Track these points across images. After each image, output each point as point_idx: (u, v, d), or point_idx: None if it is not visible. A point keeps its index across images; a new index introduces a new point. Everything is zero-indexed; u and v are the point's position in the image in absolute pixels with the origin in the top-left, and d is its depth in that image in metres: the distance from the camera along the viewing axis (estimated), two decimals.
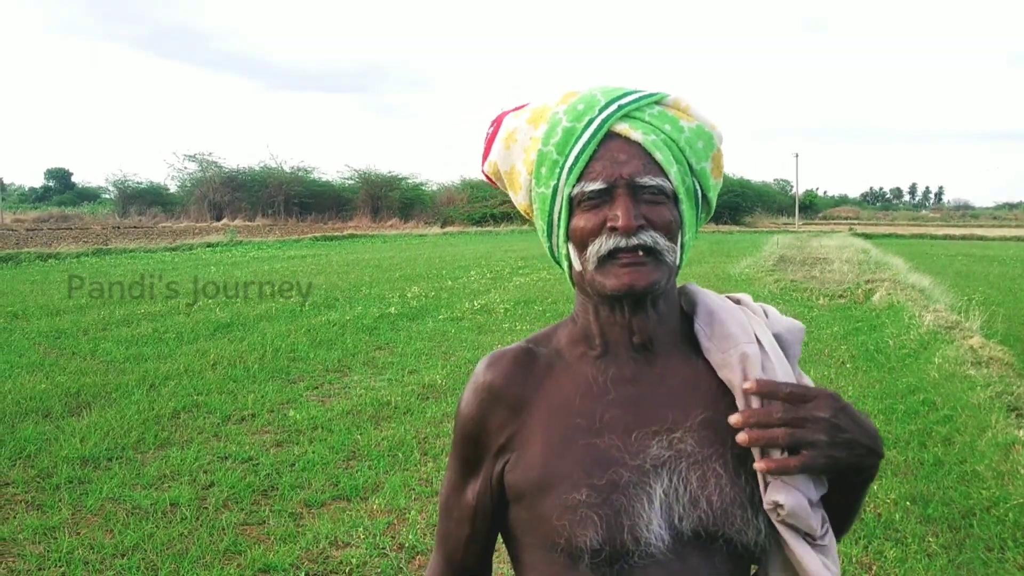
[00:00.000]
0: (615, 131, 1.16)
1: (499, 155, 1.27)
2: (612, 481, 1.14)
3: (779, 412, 1.10)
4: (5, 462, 5.11)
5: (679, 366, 1.22)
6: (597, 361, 1.22)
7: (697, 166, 1.19)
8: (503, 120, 1.29)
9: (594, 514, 1.12)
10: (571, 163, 1.16)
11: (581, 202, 1.16)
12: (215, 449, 5.45)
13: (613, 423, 1.17)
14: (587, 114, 1.16)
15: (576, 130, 1.16)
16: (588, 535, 1.12)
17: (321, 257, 22.48)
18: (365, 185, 50.25)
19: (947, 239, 39.70)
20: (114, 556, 3.92)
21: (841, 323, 10.95)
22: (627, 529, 1.11)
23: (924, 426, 6.01)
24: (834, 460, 1.10)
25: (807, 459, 1.09)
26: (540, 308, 12.10)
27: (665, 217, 1.14)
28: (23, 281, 15.16)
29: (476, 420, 1.25)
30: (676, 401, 1.19)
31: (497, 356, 1.26)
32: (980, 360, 7.92)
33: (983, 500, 4.58)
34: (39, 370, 7.57)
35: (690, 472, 1.14)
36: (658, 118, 1.18)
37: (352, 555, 3.95)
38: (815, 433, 1.09)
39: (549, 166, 1.18)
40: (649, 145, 1.14)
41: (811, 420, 1.09)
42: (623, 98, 1.18)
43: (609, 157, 1.14)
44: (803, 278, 16.66)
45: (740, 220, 52.91)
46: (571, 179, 1.16)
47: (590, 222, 1.15)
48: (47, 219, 43.24)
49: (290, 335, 9.56)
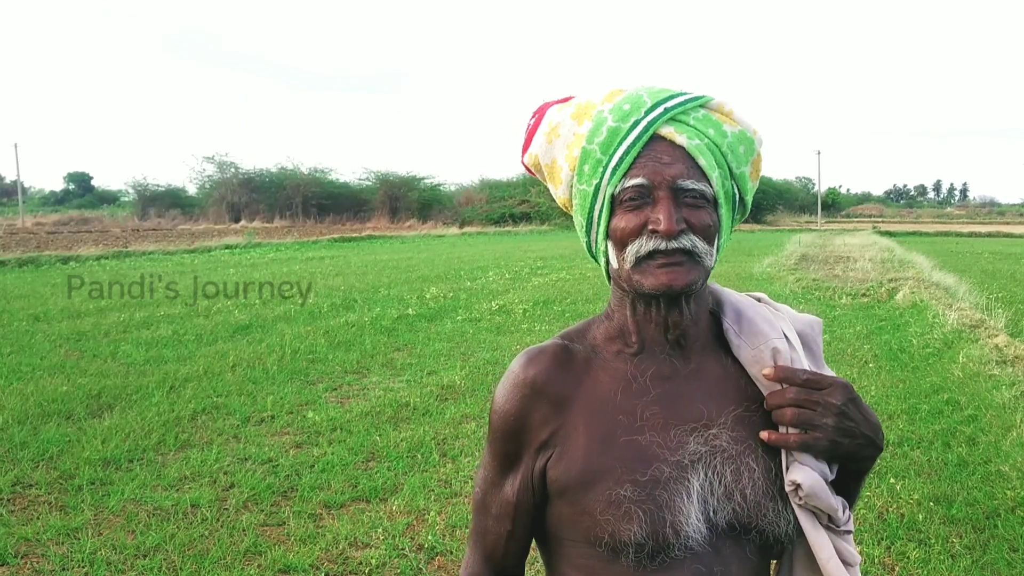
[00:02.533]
0: (660, 134, 1.17)
1: (540, 148, 1.27)
2: (654, 477, 1.16)
3: (792, 393, 1.16)
4: (28, 464, 5.16)
5: (711, 363, 1.24)
6: (634, 358, 1.23)
7: (737, 170, 1.21)
8: (546, 112, 1.29)
9: (638, 509, 1.15)
10: (615, 163, 1.17)
11: (623, 201, 1.17)
12: (235, 451, 5.48)
13: (653, 420, 1.19)
14: (633, 115, 1.17)
15: (621, 130, 1.17)
16: (632, 529, 1.14)
17: (339, 258, 22.56)
18: (383, 186, 50.45)
19: (973, 236, 39.29)
20: (136, 556, 3.95)
21: (864, 322, 10.86)
22: (669, 523, 1.14)
23: (948, 426, 5.95)
24: (836, 445, 1.16)
25: (808, 438, 1.15)
26: (559, 309, 12.08)
27: (705, 221, 1.16)
28: (43, 284, 15.31)
29: (517, 416, 1.25)
30: (710, 397, 1.22)
31: (536, 352, 1.27)
32: (1005, 359, 7.83)
33: (1008, 500, 4.52)
34: (61, 372, 7.63)
35: (725, 466, 1.18)
36: (702, 122, 1.19)
37: (372, 556, 3.95)
38: (823, 417, 1.15)
39: (592, 164, 1.19)
40: (693, 150, 1.16)
41: (822, 405, 1.15)
42: (668, 101, 1.18)
43: (653, 159, 1.15)
44: (825, 277, 16.55)
45: (762, 218, 52.70)
46: (614, 179, 1.17)
47: (631, 223, 1.16)
48: (67, 222, 43.67)
49: (308, 336, 9.60)
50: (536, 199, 47.54)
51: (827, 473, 1.17)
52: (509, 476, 1.27)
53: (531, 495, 1.26)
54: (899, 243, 29.19)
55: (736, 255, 22.91)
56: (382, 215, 47.86)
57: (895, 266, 18.57)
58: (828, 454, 1.16)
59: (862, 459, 1.20)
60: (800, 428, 1.16)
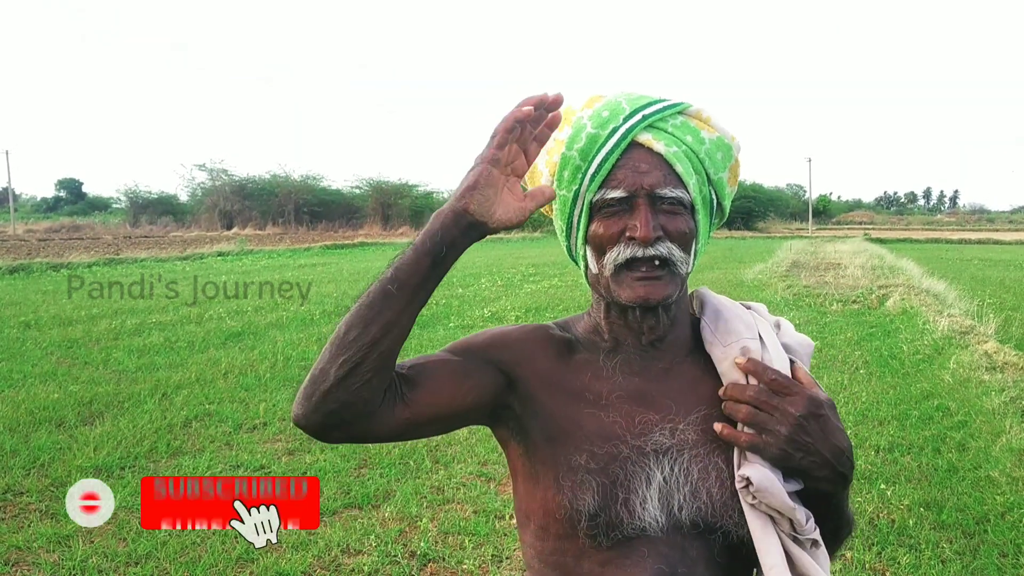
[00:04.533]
0: (638, 141, 1.19)
1: None
2: (611, 453, 1.19)
3: (752, 392, 1.15)
4: (19, 471, 5.14)
5: (686, 365, 1.26)
6: (607, 353, 1.27)
7: (715, 176, 1.23)
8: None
9: (593, 479, 1.18)
10: (594, 170, 1.19)
11: (601, 208, 1.19)
12: (227, 458, 5.47)
13: (618, 404, 1.22)
14: (611, 122, 1.19)
15: (600, 137, 1.19)
16: (586, 499, 1.17)
17: (332, 265, 22.54)
18: (375, 193, 50.37)
19: (963, 243, 39.46)
20: (127, 564, 3.94)
21: (855, 328, 10.89)
22: (621, 501, 1.17)
23: (938, 432, 5.98)
24: (786, 456, 1.13)
25: (758, 441, 1.13)
26: (551, 315, 12.09)
27: (682, 228, 1.18)
28: (34, 291, 15.24)
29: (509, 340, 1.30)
30: (680, 395, 1.24)
31: (533, 325, 1.34)
32: (995, 365, 7.87)
33: (997, 506, 4.55)
34: (52, 380, 7.61)
35: (692, 464, 1.19)
36: (680, 129, 1.21)
37: (364, 563, 3.95)
38: (777, 424, 1.13)
39: (572, 171, 1.21)
40: (671, 157, 1.18)
41: (779, 411, 1.13)
42: (647, 107, 1.20)
43: (631, 167, 1.17)
44: (816, 283, 16.60)
45: (753, 226, 52.82)
46: (593, 186, 1.19)
47: (609, 229, 1.19)
48: (58, 229, 43.44)
49: (301, 344, 9.59)
50: None
51: (780, 481, 1.14)
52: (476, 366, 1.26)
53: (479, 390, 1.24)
54: (889, 250, 29.30)
55: (727, 262, 22.98)
56: (374, 222, 47.80)
57: (885, 273, 18.63)
58: (778, 463, 1.13)
59: (817, 480, 1.15)
60: (754, 429, 1.14)
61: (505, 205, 1.13)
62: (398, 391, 1.19)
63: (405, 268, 1.12)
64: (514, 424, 1.27)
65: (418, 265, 1.12)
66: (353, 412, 1.14)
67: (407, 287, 1.12)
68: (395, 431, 1.21)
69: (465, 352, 1.28)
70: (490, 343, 1.30)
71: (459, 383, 1.23)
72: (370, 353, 1.11)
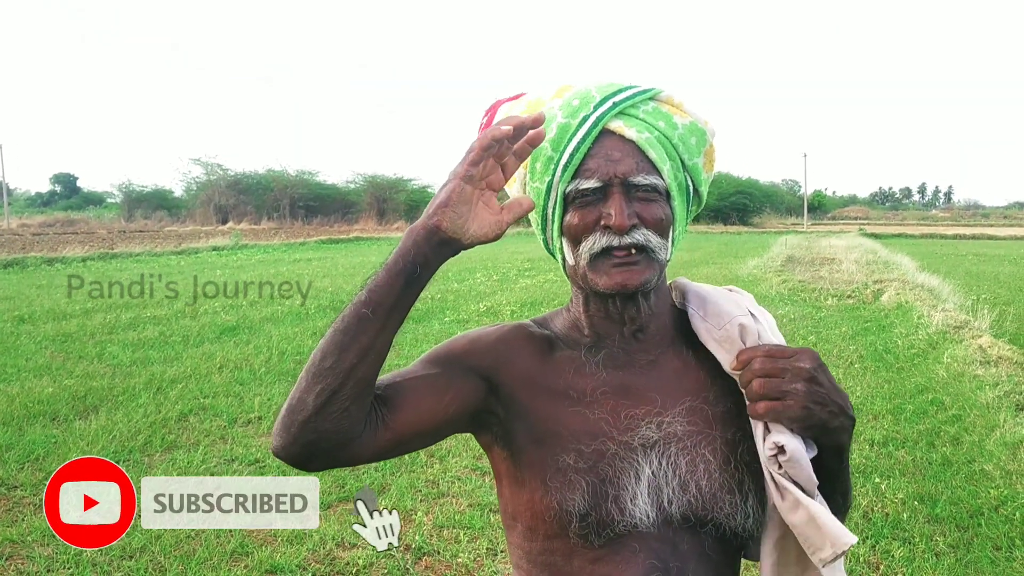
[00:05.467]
0: (609, 128, 1.17)
1: None
2: (599, 450, 1.18)
3: (758, 363, 1.12)
4: (14, 465, 5.13)
5: (669, 356, 1.25)
6: (590, 348, 1.25)
7: (689, 162, 1.21)
8: (497, 110, 1.30)
9: (581, 479, 1.16)
10: (566, 160, 1.17)
11: (576, 199, 1.18)
12: (222, 452, 5.46)
13: (603, 400, 1.21)
14: (582, 111, 1.17)
15: (571, 127, 1.17)
16: (575, 499, 1.16)
17: (327, 260, 22.51)
18: (370, 188, 50.31)
19: (957, 239, 39.50)
20: (122, 558, 3.94)
21: (850, 323, 10.91)
22: (611, 498, 1.15)
23: (933, 426, 5.99)
24: (808, 412, 1.09)
25: (778, 405, 1.09)
26: (547, 310, 11.91)
27: (657, 215, 1.17)
28: (29, 285, 15.21)
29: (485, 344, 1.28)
30: (665, 387, 1.22)
31: (511, 323, 1.32)
32: (989, 359, 7.89)
33: (991, 499, 4.56)
34: (46, 374, 7.59)
35: (680, 457, 1.18)
36: (652, 115, 1.19)
37: (359, 556, 3.95)
38: (792, 382, 1.10)
39: (544, 162, 1.19)
40: (643, 143, 1.16)
41: (790, 371, 1.10)
42: (617, 95, 1.19)
43: (604, 155, 1.16)
44: (811, 278, 16.62)
45: (748, 221, 52.85)
46: (566, 176, 1.17)
47: (584, 219, 1.17)
48: (52, 223, 43.23)
49: (296, 338, 9.57)
50: None
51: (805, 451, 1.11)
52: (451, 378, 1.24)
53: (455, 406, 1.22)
54: (884, 245, 29.34)
55: (722, 257, 23.00)
56: (370, 217, 47.72)
57: (880, 268, 18.68)
58: (802, 423, 1.10)
59: (835, 430, 1.13)
60: (771, 397, 1.10)
61: (480, 220, 1.10)
62: (378, 414, 1.17)
63: (379, 290, 1.11)
64: (498, 429, 1.25)
65: (392, 286, 1.10)
66: (334, 441, 1.12)
67: (382, 308, 1.10)
68: (378, 454, 1.19)
69: (443, 362, 1.25)
70: (467, 349, 1.27)
71: (439, 397, 1.21)
72: (347, 380, 1.09)
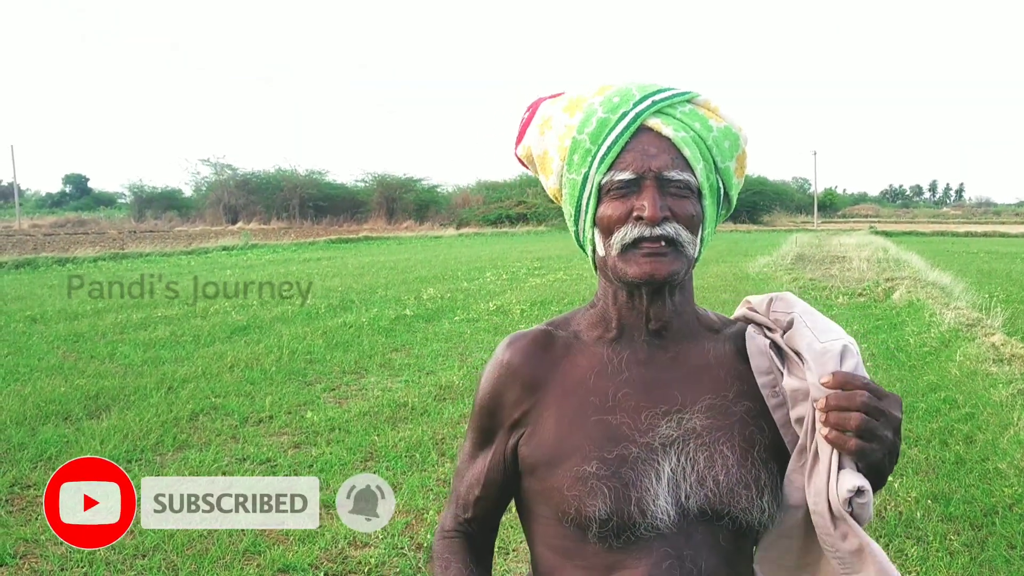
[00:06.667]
0: (647, 125, 1.21)
1: (533, 140, 1.30)
2: (621, 455, 1.19)
3: (863, 398, 1.10)
4: (27, 464, 5.15)
5: (691, 353, 1.27)
6: (613, 344, 1.27)
7: (722, 164, 1.24)
8: (539, 106, 1.33)
9: (603, 485, 1.18)
10: (603, 152, 1.20)
11: (610, 191, 1.20)
12: (233, 451, 5.47)
13: (624, 401, 1.22)
14: (622, 107, 1.21)
15: (610, 121, 1.20)
16: (597, 505, 1.17)
17: (336, 259, 22.56)
18: (380, 187, 50.42)
19: (969, 236, 39.33)
20: (135, 556, 3.94)
21: (861, 321, 10.87)
22: (634, 501, 1.17)
23: (945, 424, 5.96)
24: (880, 460, 1.11)
25: (866, 447, 1.09)
26: (556, 309, 12.08)
27: (688, 211, 1.19)
28: (40, 285, 15.29)
29: (493, 395, 1.32)
30: (686, 384, 1.24)
31: (517, 336, 1.33)
32: (1002, 357, 7.85)
33: (1005, 498, 4.53)
34: (58, 373, 7.62)
35: (698, 452, 1.20)
36: (689, 116, 1.22)
37: (371, 555, 3.95)
38: (885, 428, 1.10)
39: (582, 154, 1.22)
40: (679, 141, 1.19)
41: (887, 416, 1.10)
42: (657, 94, 1.22)
43: (640, 149, 1.19)
44: (822, 276, 16.58)
45: (758, 219, 52.71)
46: (602, 168, 1.20)
47: (617, 210, 1.19)
48: (64, 224, 43.49)
49: (306, 337, 9.59)
50: (532, 200, 47.55)
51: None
52: (483, 451, 1.35)
53: (503, 471, 1.32)
54: (895, 243, 29.20)
55: (733, 255, 22.93)
56: (379, 216, 47.81)
57: (891, 266, 18.59)
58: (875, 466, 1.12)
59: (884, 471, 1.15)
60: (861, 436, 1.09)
61: None
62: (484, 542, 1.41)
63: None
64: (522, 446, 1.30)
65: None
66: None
67: None
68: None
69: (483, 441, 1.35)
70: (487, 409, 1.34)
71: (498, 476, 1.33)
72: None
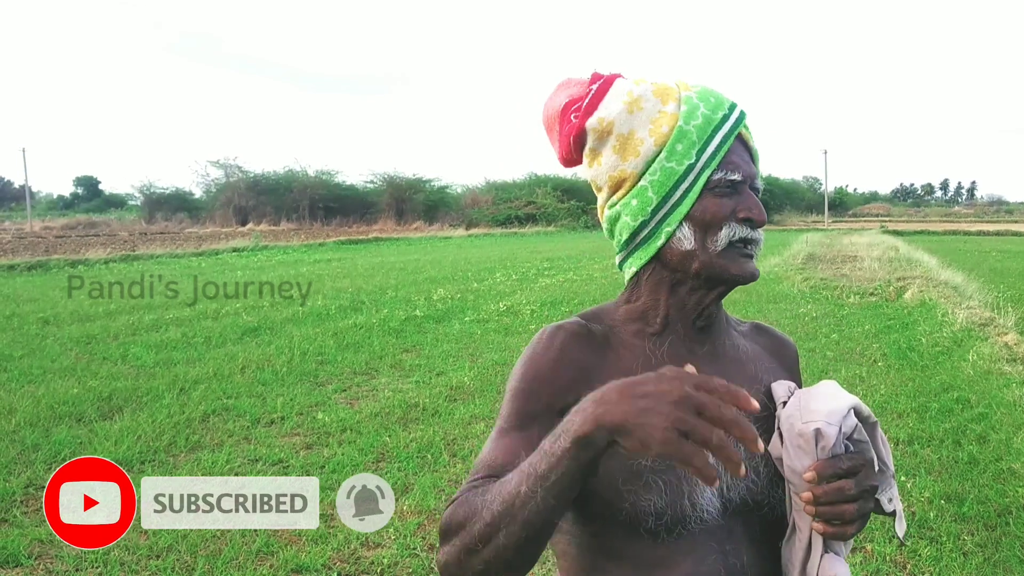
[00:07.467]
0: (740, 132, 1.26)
1: (619, 115, 1.24)
2: None
3: (852, 489, 1.12)
4: (41, 466, 5.18)
5: (726, 346, 1.31)
6: (653, 337, 1.27)
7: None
8: (614, 82, 1.28)
9: (658, 479, 1.17)
10: (714, 148, 1.23)
11: (715, 188, 1.23)
12: (246, 452, 5.49)
13: None
14: (720, 109, 1.25)
15: (715, 120, 1.24)
16: (652, 500, 1.16)
17: (346, 260, 22.61)
18: (390, 188, 50.42)
19: (981, 235, 39.15)
20: (149, 557, 3.96)
21: (873, 321, 10.84)
22: (687, 495, 1.17)
23: (958, 424, 5.93)
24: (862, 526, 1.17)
25: (862, 526, 1.15)
26: (567, 309, 12.08)
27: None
28: (53, 287, 15.37)
29: (540, 378, 1.25)
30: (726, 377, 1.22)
31: (559, 326, 1.28)
32: (1015, 357, 7.81)
33: (1019, 498, 4.51)
34: (71, 375, 7.66)
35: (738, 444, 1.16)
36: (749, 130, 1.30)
37: (383, 556, 3.96)
38: (868, 502, 1.15)
39: (687, 145, 1.22)
40: (756, 154, 1.28)
41: (868, 491, 1.14)
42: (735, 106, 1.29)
43: (739, 154, 1.25)
44: (833, 276, 16.51)
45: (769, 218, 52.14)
46: (712, 164, 1.22)
47: (724, 208, 1.23)
48: (75, 226, 43.69)
49: (317, 338, 9.62)
50: (542, 200, 47.53)
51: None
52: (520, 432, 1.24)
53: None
54: (907, 242, 29.07)
55: None
56: (388, 217, 47.86)
57: (903, 265, 18.50)
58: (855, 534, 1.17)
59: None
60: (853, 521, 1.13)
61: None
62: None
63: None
64: None
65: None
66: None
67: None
68: None
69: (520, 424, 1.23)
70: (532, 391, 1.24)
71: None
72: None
